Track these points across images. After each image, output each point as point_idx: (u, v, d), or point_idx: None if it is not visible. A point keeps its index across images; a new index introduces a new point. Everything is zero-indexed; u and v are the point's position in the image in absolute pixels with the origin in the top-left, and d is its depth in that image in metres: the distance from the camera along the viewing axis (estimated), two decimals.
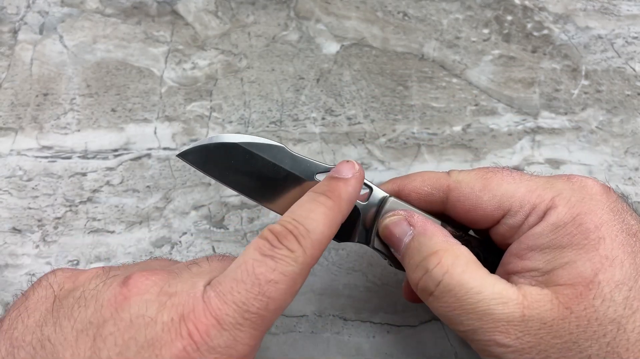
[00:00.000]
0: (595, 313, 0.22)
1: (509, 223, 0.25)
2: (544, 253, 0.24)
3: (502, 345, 0.22)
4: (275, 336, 0.34)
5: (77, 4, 0.42)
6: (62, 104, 0.39)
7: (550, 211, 0.24)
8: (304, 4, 0.42)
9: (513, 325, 0.22)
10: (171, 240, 0.36)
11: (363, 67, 0.41)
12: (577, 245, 0.23)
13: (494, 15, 0.42)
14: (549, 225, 0.24)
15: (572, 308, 0.22)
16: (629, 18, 0.42)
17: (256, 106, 0.39)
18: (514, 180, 0.26)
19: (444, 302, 0.24)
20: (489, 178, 0.26)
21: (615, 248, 0.23)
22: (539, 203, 0.25)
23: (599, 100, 0.40)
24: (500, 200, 0.25)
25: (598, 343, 0.21)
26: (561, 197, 0.24)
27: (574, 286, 0.22)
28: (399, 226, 0.26)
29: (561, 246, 0.23)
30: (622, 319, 0.21)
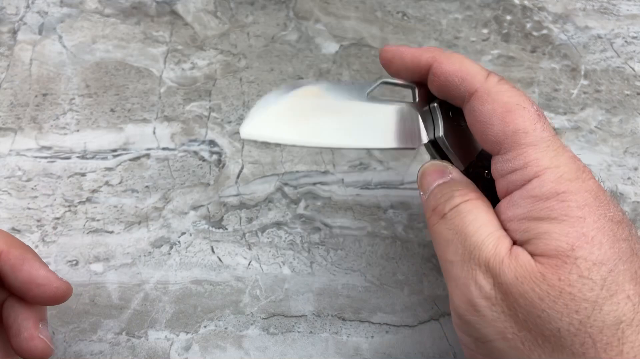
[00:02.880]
0: (569, 287, 0.21)
1: (497, 165, 0.24)
2: (520, 223, 0.23)
3: (480, 286, 0.22)
4: (273, 336, 0.34)
5: (76, 4, 0.42)
6: (61, 104, 0.39)
7: (535, 181, 0.23)
8: (303, 4, 0.42)
9: (491, 268, 0.22)
10: (170, 240, 0.36)
11: (362, 67, 0.41)
12: (556, 219, 0.22)
13: (493, 15, 0.42)
14: (529, 196, 0.23)
15: (545, 275, 0.21)
16: (628, 18, 0.42)
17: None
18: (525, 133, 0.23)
19: (452, 224, 0.23)
20: (512, 111, 0.24)
21: (595, 229, 0.22)
22: (531, 167, 0.23)
23: (598, 100, 0.40)
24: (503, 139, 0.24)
25: (569, 318, 0.20)
26: (554, 171, 0.23)
27: (549, 257, 0.21)
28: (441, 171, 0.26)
29: (539, 218, 0.22)
30: (598, 299, 0.20)
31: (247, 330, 0.34)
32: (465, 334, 0.23)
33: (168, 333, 0.34)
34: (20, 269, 0.26)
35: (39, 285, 0.27)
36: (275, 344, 0.34)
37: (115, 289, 0.35)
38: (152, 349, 0.34)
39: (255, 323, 0.34)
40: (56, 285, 0.27)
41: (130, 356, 0.34)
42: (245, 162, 0.38)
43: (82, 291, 0.35)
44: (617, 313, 0.20)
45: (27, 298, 0.27)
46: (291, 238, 0.36)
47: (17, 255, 0.27)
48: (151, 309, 0.34)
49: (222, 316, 0.34)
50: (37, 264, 0.27)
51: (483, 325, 0.22)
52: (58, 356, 0.33)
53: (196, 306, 0.35)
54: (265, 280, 0.35)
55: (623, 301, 0.21)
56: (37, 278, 0.27)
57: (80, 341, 0.34)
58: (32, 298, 0.27)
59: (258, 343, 0.34)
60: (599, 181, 0.29)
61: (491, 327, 0.21)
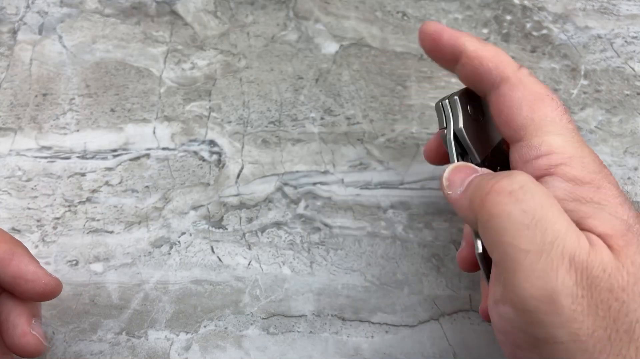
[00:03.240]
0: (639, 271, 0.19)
1: (521, 152, 0.24)
2: (564, 203, 0.21)
3: (564, 284, 0.19)
4: (273, 336, 0.34)
5: (76, 4, 0.42)
6: (61, 104, 0.39)
7: (564, 166, 0.22)
8: (303, 4, 0.42)
9: (577, 262, 0.19)
10: (170, 240, 0.36)
11: (362, 67, 0.41)
12: (599, 204, 0.21)
13: (493, 15, 0.42)
14: (567, 178, 0.22)
15: (621, 259, 0.19)
16: (628, 18, 0.42)
17: (255, 106, 0.39)
18: (552, 121, 0.23)
19: (526, 206, 0.20)
20: (542, 100, 0.24)
21: (632, 217, 0.21)
22: (556, 154, 0.23)
23: (598, 100, 0.40)
24: (529, 124, 0.23)
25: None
26: (580, 161, 0.22)
27: (614, 237, 0.20)
28: (471, 167, 0.25)
29: (583, 199, 0.21)
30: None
31: (247, 330, 0.34)
32: (525, 333, 0.20)
33: (168, 333, 0.34)
34: (9, 264, 0.26)
35: (28, 281, 0.26)
36: (275, 344, 0.34)
37: (115, 289, 0.35)
38: (152, 349, 0.34)
39: (255, 323, 0.34)
40: (45, 281, 0.27)
41: (130, 356, 0.34)
42: (245, 161, 0.38)
43: (82, 291, 0.35)
44: None
45: (16, 294, 0.27)
46: (291, 238, 0.36)
47: (6, 250, 0.27)
48: (151, 309, 0.34)
49: (222, 316, 0.34)
50: (27, 259, 0.27)
51: (557, 325, 0.19)
52: (58, 356, 0.33)
53: (196, 306, 0.35)
54: (265, 280, 0.35)
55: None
56: (26, 273, 0.26)
57: (80, 341, 0.34)
58: (20, 293, 0.27)
59: (258, 343, 0.34)
60: None
61: (566, 327, 0.19)
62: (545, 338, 0.19)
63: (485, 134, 0.28)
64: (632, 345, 0.19)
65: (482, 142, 0.28)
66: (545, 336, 0.19)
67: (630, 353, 0.19)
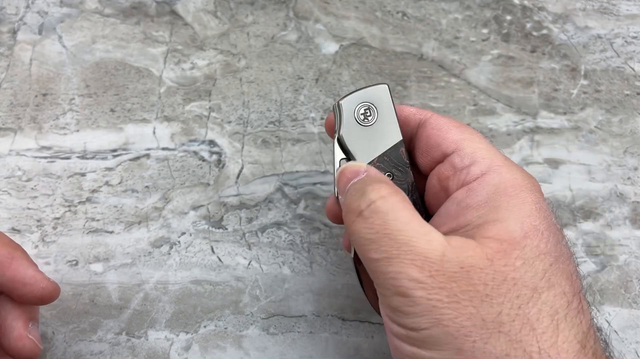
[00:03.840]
0: (513, 272, 0.22)
1: (454, 161, 0.26)
2: (478, 209, 0.24)
3: (414, 279, 0.22)
4: (273, 336, 0.34)
5: (76, 4, 0.42)
6: (61, 104, 0.39)
7: (492, 173, 0.25)
8: (303, 4, 0.42)
9: (430, 262, 0.22)
10: (170, 240, 0.36)
11: (362, 67, 0.41)
12: (512, 209, 0.24)
13: (493, 15, 0.42)
14: (490, 185, 0.25)
15: (493, 260, 0.22)
16: (628, 18, 0.42)
17: (255, 106, 0.39)
18: (480, 139, 0.27)
19: (370, 223, 0.23)
20: (462, 125, 0.28)
21: (544, 225, 0.23)
22: (487, 160, 0.26)
23: (598, 100, 0.40)
24: (459, 139, 0.27)
25: (510, 302, 0.21)
26: (509, 169, 0.25)
27: (500, 241, 0.22)
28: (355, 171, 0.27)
29: (497, 205, 0.24)
30: (538, 288, 0.22)
31: (247, 330, 0.34)
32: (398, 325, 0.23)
33: (168, 333, 0.34)
34: (7, 267, 0.26)
35: (26, 284, 0.26)
36: (275, 344, 0.34)
37: (115, 289, 0.35)
38: (152, 349, 0.34)
39: (255, 323, 0.34)
40: (43, 285, 0.27)
41: (130, 356, 0.34)
42: (245, 162, 0.38)
43: (82, 291, 0.35)
44: (554, 304, 0.22)
45: (14, 297, 0.27)
46: (291, 238, 0.36)
47: (4, 253, 0.27)
48: (151, 309, 0.34)
49: (222, 316, 0.34)
50: (26, 263, 0.27)
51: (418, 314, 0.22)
52: (58, 356, 0.33)
53: (196, 306, 0.35)
54: (265, 280, 0.35)
55: (559, 295, 0.22)
56: (25, 277, 0.26)
57: (80, 341, 0.34)
58: (18, 297, 0.27)
59: (258, 343, 0.34)
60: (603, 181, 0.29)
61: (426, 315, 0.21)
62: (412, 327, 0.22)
63: (373, 140, 0.29)
64: (501, 336, 0.21)
65: (367, 148, 0.28)
66: (412, 325, 0.22)
67: (501, 343, 0.21)
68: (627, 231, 0.37)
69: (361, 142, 0.28)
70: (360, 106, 0.29)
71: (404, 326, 0.22)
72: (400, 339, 0.23)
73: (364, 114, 0.29)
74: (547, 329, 0.21)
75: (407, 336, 0.22)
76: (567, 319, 0.21)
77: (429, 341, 0.22)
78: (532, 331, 0.21)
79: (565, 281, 0.22)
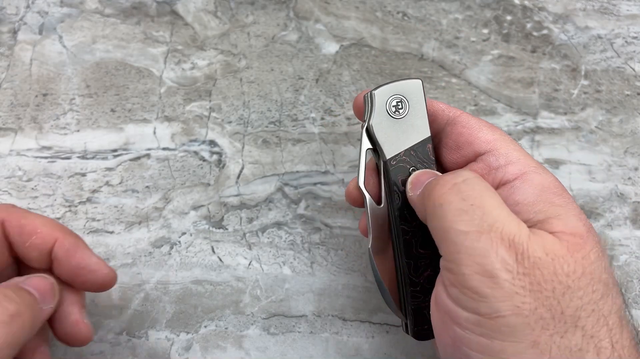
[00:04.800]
0: (590, 266, 0.21)
1: (489, 161, 0.26)
2: (533, 205, 0.24)
3: (503, 259, 0.21)
4: (274, 336, 0.34)
5: (76, 4, 0.42)
6: (61, 104, 0.39)
7: (532, 174, 0.25)
8: (303, 4, 0.42)
9: (518, 244, 0.21)
10: (170, 240, 0.36)
11: (362, 67, 0.41)
12: (567, 207, 0.24)
13: (493, 15, 0.42)
14: (534, 184, 0.25)
15: (573, 252, 0.21)
16: (628, 18, 0.42)
17: (255, 106, 0.39)
18: (511, 140, 0.27)
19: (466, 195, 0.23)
20: (493, 125, 0.28)
21: (589, 223, 0.24)
22: (523, 161, 0.26)
23: (599, 100, 0.40)
24: (493, 139, 0.27)
25: (588, 297, 0.21)
26: (544, 170, 0.26)
27: (572, 235, 0.22)
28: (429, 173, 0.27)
29: (552, 202, 0.24)
30: (609, 283, 0.22)
31: (247, 330, 0.34)
32: (469, 310, 0.21)
33: (168, 333, 0.34)
34: (73, 255, 0.28)
35: (91, 271, 0.28)
36: (275, 344, 0.34)
37: (116, 289, 0.35)
38: (153, 349, 0.34)
39: (256, 323, 0.34)
40: (105, 272, 0.28)
41: (130, 356, 0.34)
42: (246, 162, 0.38)
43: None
44: (618, 301, 0.22)
45: (76, 284, 0.28)
46: (291, 238, 0.36)
47: (71, 242, 0.28)
48: (151, 310, 0.34)
49: (222, 316, 0.34)
50: (89, 251, 0.28)
51: (499, 298, 0.20)
52: (59, 356, 0.33)
53: (196, 306, 0.35)
54: (265, 280, 0.35)
55: (619, 293, 0.22)
56: (90, 264, 0.28)
57: None
58: (81, 283, 0.28)
59: (258, 343, 0.34)
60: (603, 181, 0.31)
61: (508, 301, 0.20)
62: (487, 313, 0.21)
63: (402, 133, 0.28)
64: (577, 330, 0.20)
65: (396, 140, 0.28)
66: (488, 310, 0.21)
67: (576, 338, 0.20)
68: (627, 231, 0.37)
69: (390, 134, 0.28)
70: (393, 98, 0.29)
71: (477, 311, 0.21)
72: (465, 328, 0.22)
73: (395, 106, 0.29)
74: (615, 326, 0.21)
75: (477, 323, 0.21)
76: (625, 316, 0.22)
77: (503, 331, 0.20)
78: (605, 326, 0.21)
79: (616, 279, 0.23)
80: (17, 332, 0.24)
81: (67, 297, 0.28)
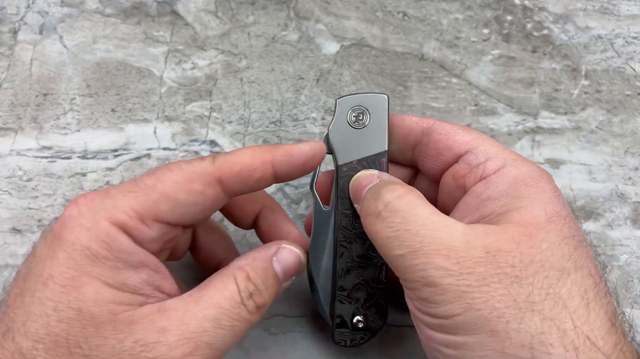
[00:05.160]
0: (540, 254, 0.22)
1: (469, 159, 0.27)
2: (500, 200, 0.25)
3: (441, 267, 0.22)
4: (274, 336, 0.34)
5: (76, 4, 0.42)
6: (61, 104, 0.39)
7: (509, 167, 0.26)
8: (304, 4, 0.42)
9: (455, 249, 0.22)
10: None
11: (363, 67, 0.41)
12: (533, 197, 0.24)
13: (493, 15, 0.42)
14: (509, 177, 0.25)
15: (519, 243, 0.22)
16: (628, 18, 0.42)
17: (256, 106, 0.39)
18: (488, 138, 0.28)
19: (390, 222, 0.24)
20: (468, 127, 0.29)
21: (564, 212, 0.24)
22: (501, 155, 0.26)
23: (599, 100, 0.40)
24: (470, 139, 0.28)
25: (540, 282, 0.21)
26: (523, 162, 0.26)
27: (525, 226, 0.23)
28: (369, 178, 0.28)
29: (518, 194, 0.24)
30: (565, 268, 0.22)
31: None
32: (429, 315, 0.23)
33: None
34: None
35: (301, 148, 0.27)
36: (276, 344, 0.34)
37: None
38: None
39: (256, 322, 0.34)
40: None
41: None
42: None
43: None
44: (583, 284, 0.22)
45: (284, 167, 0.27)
46: None
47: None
48: None
49: None
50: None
51: (449, 301, 0.22)
52: None
53: None
54: None
55: (587, 276, 0.22)
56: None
57: None
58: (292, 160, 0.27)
59: (259, 343, 0.34)
60: (603, 181, 0.30)
61: (458, 301, 0.22)
62: (444, 315, 0.22)
63: (358, 143, 0.29)
64: (535, 315, 0.21)
65: (350, 149, 0.29)
66: (444, 313, 0.22)
67: (535, 322, 0.21)
68: (627, 231, 0.37)
69: (346, 142, 0.29)
70: (355, 109, 0.30)
71: (435, 316, 0.23)
72: (431, 328, 0.23)
73: (356, 117, 0.30)
74: (579, 308, 0.21)
75: (439, 324, 0.23)
76: (596, 299, 0.22)
77: (461, 327, 0.22)
78: (564, 309, 0.21)
79: (590, 264, 0.23)
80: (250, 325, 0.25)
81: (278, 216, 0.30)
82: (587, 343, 0.20)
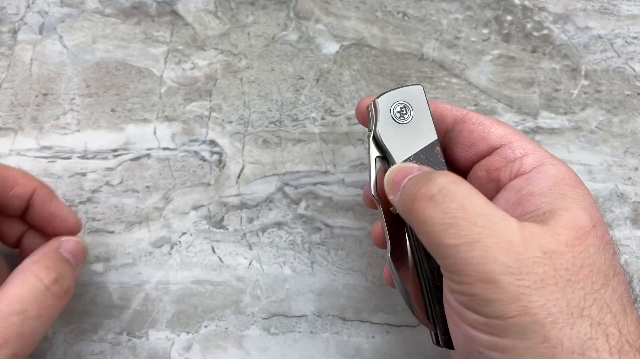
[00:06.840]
0: (588, 259, 0.22)
1: (505, 153, 0.27)
2: (544, 196, 0.24)
3: (502, 263, 0.21)
4: (274, 336, 0.34)
5: (76, 4, 0.42)
6: (61, 104, 0.39)
7: (548, 165, 0.26)
8: (304, 4, 0.42)
9: (515, 246, 0.21)
10: (171, 240, 0.36)
11: (363, 67, 0.41)
12: (578, 199, 0.24)
13: (493, 15, 0.42)
14: (549, 175, 0.25)
15: (573, 247, 0.22)
16: (628, 18, 0.42)
17: (256, 106, 0.39)
18: (522, 134, 0.28)
19: (445, 208, 0.22)
20: (502, 121, 0.29)
21: (601, 217, 0.24)
22: (538, 153, 0.26)
23: (599, 100, 0.40)
24: (505, 133, 0.27)
25: (589, 287, 0.21)
26: (560, 162, 0.26)
27: (575, 229, 0.22)
28: (408, 168, 0.27)
29: (563, 194, 0.24)
30: (608, 274, 0.22)
31: (247, 330, 0.34)
32: (478, 313, 0.22)
33: (169, 333, 0.34)
34: (49, 205, 0.31)
35: (63, 219, 0.31)
36: (276, 344, 0.34)
37: (116, 289, 0.35)
38: (153, 349, 0.34)
39: (256, 323, 0.34)
40: (75, 220, 0.32)
41: (131, 356, 0.34)
42: (246, 162, 0.38)
43: (83, 291, 0.35)
44: (619, 290, 0.22)
45: (47, 229, 0.31)
46: (292, 238, 0.36)
47: (47, 192, 0.31)
48: (152, 310, 0.34)
49: (222, 316, 0.34)
50: (61, 202, 0.32)
51: (505, 301, 0.21)
52: (59, 356, 0.33)
53: (197, 306, 0.35)
54: (266, 280, 0.35)
55: (622, 282, 0.23)
56: (62, 213, 0.31)
57: (81, 341, 0.34)
58: (54, 229, 0.31)
59: (259, 343, 0.34)
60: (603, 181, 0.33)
61: (515, 302, 0.21)
62: (496, 315, 0.21)
63: (409, 138, 0.29)
64: (585, 320, 0.21)
65: (403, 145, 0.29)
66: (496, 313, 0.21)
67: (585, 327, 0.21)
68: (627, 231, 0.37)
69: (397, 139, 0.29)
70: (397, 104, 0.29)
71: (486, 315, 0.21)
72: (476, 328, 0.22)
73: (400, 112, 0.29)
74: (618, 312, 0.21)
75: (487, 324, 0.21)
76: (629, 304, 0.22)
77: (513, 330, 0.21)
78: (609, 313, 0.21)
79: (621, 270, 0.23)
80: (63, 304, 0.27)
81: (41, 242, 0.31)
82: (626, 347, 0.21)
